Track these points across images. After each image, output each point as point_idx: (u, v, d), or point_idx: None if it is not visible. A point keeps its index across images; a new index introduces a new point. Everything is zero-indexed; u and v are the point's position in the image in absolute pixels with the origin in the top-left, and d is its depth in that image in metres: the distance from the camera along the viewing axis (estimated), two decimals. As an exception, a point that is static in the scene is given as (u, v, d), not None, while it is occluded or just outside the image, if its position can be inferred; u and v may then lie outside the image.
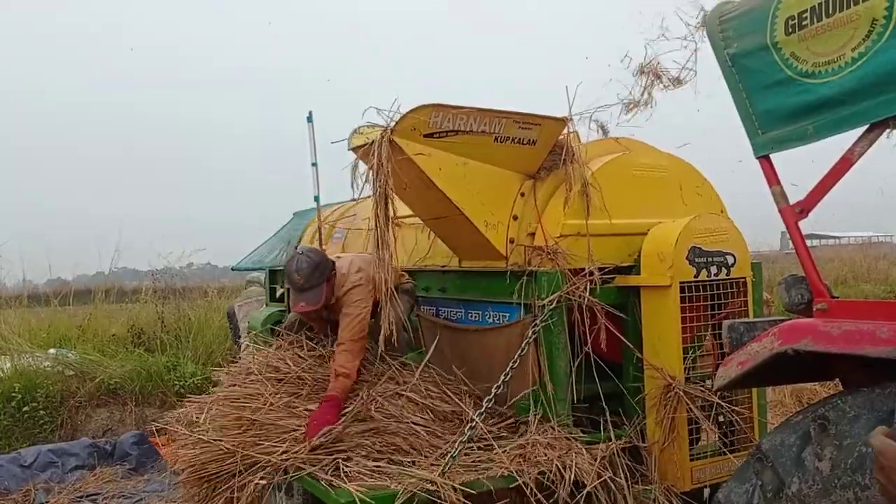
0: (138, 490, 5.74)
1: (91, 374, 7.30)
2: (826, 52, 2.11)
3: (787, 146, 2.24)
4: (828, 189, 2.14)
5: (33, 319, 9.09)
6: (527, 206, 3.48)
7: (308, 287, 3.48)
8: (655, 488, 3.14)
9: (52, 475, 5.88)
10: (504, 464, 2.97)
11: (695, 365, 3.29)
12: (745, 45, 2.32)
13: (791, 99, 2.21)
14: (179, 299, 9.80)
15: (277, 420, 3.25)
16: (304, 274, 3.47)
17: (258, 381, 3.51)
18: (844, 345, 1.89)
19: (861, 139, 2.08)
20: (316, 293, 3.50)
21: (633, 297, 3.39)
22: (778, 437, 2.04)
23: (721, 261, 3.34)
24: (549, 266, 3.28)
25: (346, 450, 3.09)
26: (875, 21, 1.98)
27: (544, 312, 3.22)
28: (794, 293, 2.21)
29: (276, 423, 3.22)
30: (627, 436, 3.26)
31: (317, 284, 3.50)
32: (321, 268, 3.52)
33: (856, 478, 1.78)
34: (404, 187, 3.27)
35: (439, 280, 3.96)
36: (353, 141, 3.37)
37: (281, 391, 3.45)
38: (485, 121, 3.21)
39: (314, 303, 3.50)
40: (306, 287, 3.48)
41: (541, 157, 3.46)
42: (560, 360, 3.27)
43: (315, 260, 3.52)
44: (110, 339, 8.45)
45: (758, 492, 2.05)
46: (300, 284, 3.48)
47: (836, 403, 1.91)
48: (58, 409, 6.96)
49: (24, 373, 7.15)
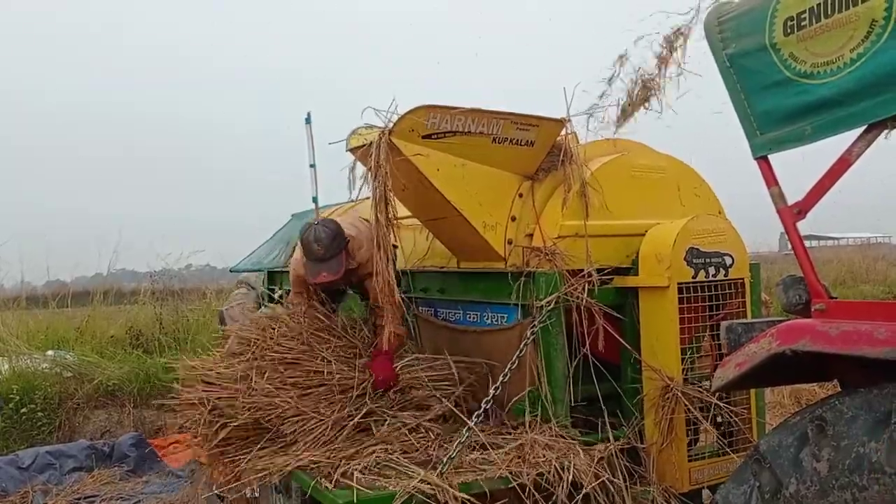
0: (136, 492, 5.73)
1: (89, 375, 7.28)
2: (825, 53, 2.11)
3: (785, 147, 2.24)
4: (826, 190, 2.14)
5: (31, 321, 9.07)
6: (525, 207, 3.48)
7: (328, 257, 3.45)
8: (654, 489, 3.13)
9: (50, 477, 5.87)
10: (502, 465, 2.96)
11: (693, 366, 3.28)
12: (744, 45, 2.32)
13: (789, 100, 2.20)
14: (178, 301, 9.78)
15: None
16: (325, 244, 3.42)
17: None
18: (842, 345, 1.89)
19: (859, 140, 2.08)
20: (336, 262, 3.47)
21: (632, 298, 3.39)
22: (776, 438, 2.04)
23: (719, 262, 3.34)
24: (547, 267, 3.28)
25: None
26: (874, 22, 1.98)
27: (542, 313, 3.22)
28: (792, 294, 2.21)
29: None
30: (626, 437, 3.26)
31: (336, 254, 3.46)
32: (339, 237, 3.49)
33: (853, 478, 1.78)
34: (403, 188, 3.27)
35: (438, 281, 3.95)
36: (351, 142, 3.37)
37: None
38: (483, 122, 3.21)
39: (335, 272, 3.47)
40: (327, 257, 3.44)
41: (539, 158, 3.46)
42: (558, 361, 3.27)
43: (333, 229, 3.48)
44: (108, 341, 8.43)
45: (756, 493, 2.04)
46: (321, 254, 3.44)
47: (833, 404, 1.91)
48: (56, 411, 6.94)
49: (22, 374, 7.14)
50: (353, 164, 3.45)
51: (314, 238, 3.44)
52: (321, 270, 3.47)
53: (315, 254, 3.45)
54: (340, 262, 3.49)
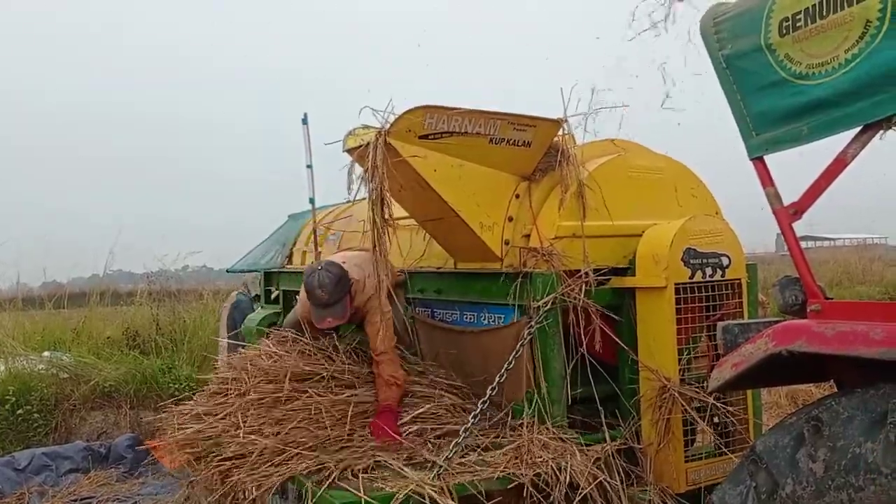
0: (133, 493, 5.71)
1: (86, 376, 7.26)
2: (820, 54, 2.11)
3: (781, 147, 2.25)
4: (822, 190, 2.15)
5: (27, 322, 9.04)
6: (522, 208, 3.48)
7: (333, 302, 3.45)
8: (650, 490, 3.14)
9: (47, 478, 5.85)
10: (499, 465, 2.96)
11: (690, 366, 3.29)
12: (740, 46, 2.32)
13: (785, 100, 2.21)
14: (175, 302, 9.77)
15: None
16: (328, 290, 3.42)
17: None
18: (839, 346, 1.89)
19: (854, 140, 2.09)
20: (341, 307, 3.47)
21: (629, 299, 3.40)
22: (772, 439, 2.04)
23: (716, 262, 3.34)
24: (544, 267, 3.28)
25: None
26: (868, 23, 1.99)
27: (539, 314, 3.22)
28: (788, 294, 2.22)
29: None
30: (623, 437, 3.26)
31: (340, 298, 3.46)
32: (343, 281, 3.48)
33: (849, 479, 1.78)
34: (400, 189, 3.27)
35: (435, 281, 3.95)
36: (348, 142, 3.37)
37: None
38: (479, 122, 3.21)
39: (340, 317, 3.49)
40: (331, 302, 3.45)
41: (536, 158, 3.46)
42: (555, 362, 3.27)
43: (336, 274, 3.47)
44: (105, 342, 8.40)
45: (752, 493, 2.05)
46: (325, 300, 3.44)
47: (829, 405, 1.91)
48: (52, 412, 6.92)
49: (19, 376, 7.11)
50: (351, 165, 3.44)
51: (318, 284, 3.43)
52: (326, 316, 3.48)
53: (319, 300, 3.45)
54: (345, 306, 3.49)
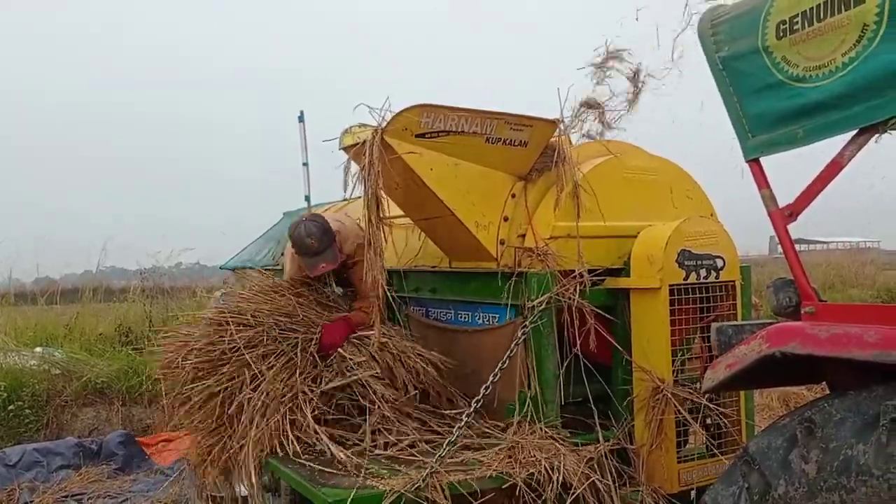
0: (124, 490, 5.70)
1: (78, 373, 7.24)
2: (817, 57, 2.12)
3: (777, 150, 2.25)
4: (817, 193, 2.15)
5: (19, 318, 9.01)
6: (518, 208, 3.48)
7: (323, 248, 3.60)
8: (643, 490, 3.14)
9: (37, 475, 5.83)
10: (492, 465, 2.96)
11: (683, 367, 3.29)
12: (737, 48, 2.33)
13: (782, 103, 2.22)
14: (168, 299, 9.75)
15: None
16: (317, 237, 3.58)
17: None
18: (832, 348, 1.90)
19: (850, 143, 2.10)
20: (331, 252, 3.64)
21: (623, 300, 3.40)
22: (765, 440, 2.05)
23: (710, 264, 3.35)
24: (539, 267, 3.28)
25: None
26: (865, 26, 2.00)
27: (534, 314, 3.22)
28: (782, 296, 2.22)
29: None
30: (615, 438, 3.26)
31: (329, 245, 3.63)
32: (328, 230, 3.65)
33: (841, 480, 1.79)
34: (395, 187, 3.27)
35: (429, 280, 3.95)
36: (345, 140, 3.36)
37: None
38: (476, 122, 3.21)
39: (332, 261, 3.65)
40: (321, 249, 3.60)
41: (532, 158, 3.46)
42: (549, 362, 3.27)
43: (321, 223, 3.64)
44: (97, 338, 8.38)
45: (744, 494, 2.05)
46: (315, 248, 3.59)
47: (822, 406, 1.92)
48: (43, 408, 6.90)
49: (10, 371, 7.08)
50: (347, 163, 3.45)
51: (306, 233, 3.57)
52: (319, 262, 3.62)
53: (310, 248, 3.59)
54: (335, 251, 3.66)
